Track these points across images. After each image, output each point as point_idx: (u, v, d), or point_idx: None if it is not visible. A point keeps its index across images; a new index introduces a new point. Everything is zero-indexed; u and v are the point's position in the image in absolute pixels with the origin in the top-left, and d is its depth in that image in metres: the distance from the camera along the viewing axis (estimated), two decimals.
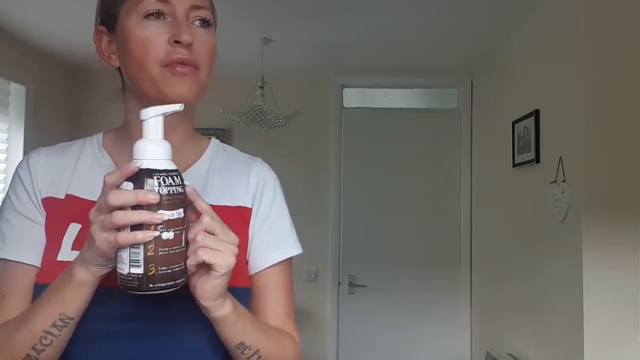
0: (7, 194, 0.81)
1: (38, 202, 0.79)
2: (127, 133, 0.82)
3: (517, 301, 2.58)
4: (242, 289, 0.78)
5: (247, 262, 0.83)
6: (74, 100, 3.56)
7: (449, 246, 3.49)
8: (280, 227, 0.86)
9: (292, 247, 0.86)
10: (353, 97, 3.66)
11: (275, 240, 0.84)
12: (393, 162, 3.53)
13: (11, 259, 0.76)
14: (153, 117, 0.63)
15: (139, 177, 0.60)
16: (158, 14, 0.74)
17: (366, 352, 3.44)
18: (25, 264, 0.76)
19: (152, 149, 0.62)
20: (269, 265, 0.83)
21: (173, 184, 0.61)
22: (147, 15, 0.74)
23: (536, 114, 2.34)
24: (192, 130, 0.87)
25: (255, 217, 0.84)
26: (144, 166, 0.61)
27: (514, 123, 2.59)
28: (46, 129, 3.24)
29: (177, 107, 0.64)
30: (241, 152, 0.92)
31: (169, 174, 0.62)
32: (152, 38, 0.73)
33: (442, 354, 3.44)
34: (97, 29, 0.80)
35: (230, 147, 0.93)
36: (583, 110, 1.94)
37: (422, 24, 2.64)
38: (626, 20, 1.93)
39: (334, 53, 3.12)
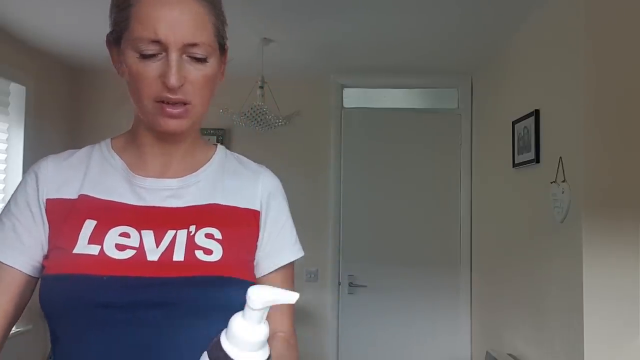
0: (11, 196, 0.85)
1: (38, 206, 0.82)
2: (135, 136, 0.87)
3: (517, 301, 2.58)
4: (248, 282, 0.82)
5: (254, 261, 0.87)
6: (74, 100, 3.56)
7: (449, 246, 3.49)
8: (285, 234, 0.91)
9: (296, 252, 0.92)
10: (353, 97, 3.66)
11: (281, 246, 0.89)
12: (393, 162, 3.53)
13: None
14: (263, 307, 0.55)
15: None
16: (151, 55, 0.75)
17: (366, 352, 3.44)
18: (3, 263, 0.80)
19: (258, 340, 0.56)
20: (275, 268, 0.89)
21: None
22: (141, 54, 0.75)
23: (536, 114, 2.34)
24: (200, 136, 0.92)
25: (265, 223, 0.88)
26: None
27: (514, 123, 2.59)
28: (46, 129, 3.25)
29: (293, 298, 0.56)
30: (247, 159, 0.96)
31: None
32: (145, 74, 0.75)
33: (442, 354, 3.44)
34: (108, 37, 0.82)
35: (236, 153, 0.96)
36: (583, 110, 1.94)
37: (422, 24, 2.64)
38: (626, 20, 1.93)
39: (334, 53, 3.13)
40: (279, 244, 0.89)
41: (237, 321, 0.56)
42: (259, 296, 0.54)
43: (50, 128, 3.30)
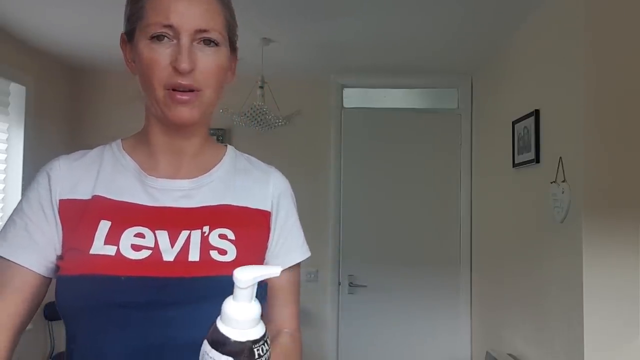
0: (23, 196, 0.85)
1: (51, 206, 0.82)
2: (146, 136, 0.87)
3: (517, 301, 2.58)
4: (262, 282, 0.83)
5: (264, 261, 0.89)
6: (74, 100, 3.56)
7: (449, 246, 3.50)
8: (294, 234, 0.93)
9: (304, 252, 0.94)
10: (353, 97, 3.66)
11: (289, 247, 0.91)
12: (393, 162, 3.53)
13: (4, 256, 0.80)
14: (251, 284, 0.58)
15: (243, 350, 0.57)
16: (162, 36, 0.78)
17: (366, 352, 3.44)
18: (16, 263, 0.79)
19: (251, 318, 0.58)
20: (284, 267, 0.89)
21: (268, 350, 0.59)
22: (153, 37, 0.78)
23: (536, 114, 2.34)
24: (209, 136, 0.93)
25: (275, 224, 0.90)
26: (244, 338, 0.57)
27: (514, 123, 2.59)
28: (46, 128, 3.25)
29: (277, 271, 0.58)
30: (256, 159, 0.97)
31: (265, 340, 0.59)
32: (156, 60, 0.77)
33: (442, 354, 3.44)
34: (122, 36, 0.85)
35: (246, 154, 0.97)
36: (583, 110, 1.94)
37: (422, 24, 2.64)
38: (626, 20, 1.93)
39: (334, 53, 3.13)
40: (287, 244, 0.91)
41: (229, 304, 0.58)
42: (245, 275, 0.57)
43: (50, 128, 3.30)
